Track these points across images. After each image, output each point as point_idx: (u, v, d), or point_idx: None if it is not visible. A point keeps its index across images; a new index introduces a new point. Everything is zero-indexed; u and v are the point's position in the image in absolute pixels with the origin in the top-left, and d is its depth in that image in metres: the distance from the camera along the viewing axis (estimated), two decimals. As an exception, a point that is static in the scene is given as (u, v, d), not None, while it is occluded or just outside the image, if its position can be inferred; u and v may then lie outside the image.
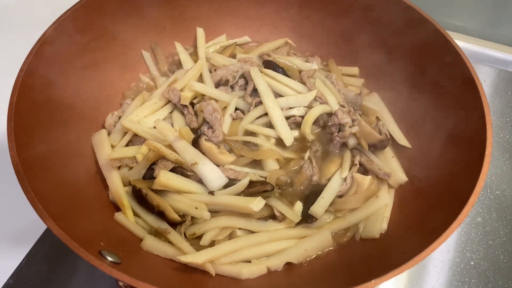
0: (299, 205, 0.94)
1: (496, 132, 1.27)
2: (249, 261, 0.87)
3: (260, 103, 1.05)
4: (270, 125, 1.03)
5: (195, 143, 0.94)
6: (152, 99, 1.06)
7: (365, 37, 1.17)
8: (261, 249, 0.87)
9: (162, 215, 0.88)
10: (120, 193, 0.91)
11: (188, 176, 0.92)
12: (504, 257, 1.04)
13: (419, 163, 1.00)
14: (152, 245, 0.86)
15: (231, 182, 0.92)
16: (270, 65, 1.11)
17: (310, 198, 0.95)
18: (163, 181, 0.87)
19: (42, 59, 0.90)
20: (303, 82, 1.09)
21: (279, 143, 1.02)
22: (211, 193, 0.90)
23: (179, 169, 0.92)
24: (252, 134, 1.02)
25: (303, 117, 1.03)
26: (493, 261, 1.04)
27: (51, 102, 0.92)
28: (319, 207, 0.92)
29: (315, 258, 0.90)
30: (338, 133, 1.01)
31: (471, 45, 1.48)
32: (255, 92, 1.06)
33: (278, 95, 1.07)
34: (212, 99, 1.04)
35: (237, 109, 1.07)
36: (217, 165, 0.93)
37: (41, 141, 0.86)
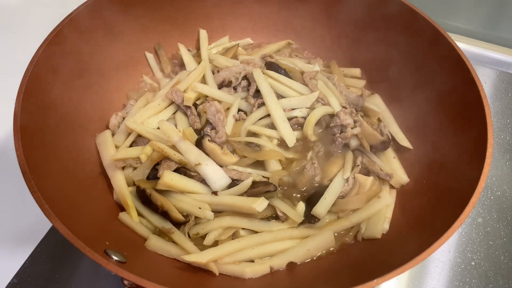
0: (301, 206, 0.94)
1: (496, 133, 1.28)
2: (252, 261, 0.87)
3: (262, 104, 1.05)
4: (272, 126, 1.03)
5: (199, 144, 0.94)
6: (155, 100, 1.06)
7: (367, 39, 1.18)
8: (264, 249, 0.88)
9: (166, 215, 0.88)
10: (124, 193, 0.92)
11: (191, 176, 0.92)
12: (504, 258, 1.05)
13: (421, 164, 1.00)
14: (156, 245, 0.86)
15: (234, 182, 0.92)
16: (272, 66, 1.11)
17: (312, 198, 0.95)
18: (167, 181, 0.87)
19: (47, 60, 0.90)
20: (305, 83, 1.09)
21: (282, 144, 1.02)
22: (215, 193, 0.91)
23: (183, 169, 0.93)
24: (254, 135, 1.02)
25: (305, 118, 1.03)
26: (494, 261, 1.04)
27: (56, 102, 0.92)
28: (321, 207, 0.92)
29: (318, 258, 0.90)
30: (340, 134, 1.02)
31: (472, 47, 1.48)
32: (258, 93, 1.07)
33: (280, 97, 1.07)
34: (215, 100, 1.04)
35: (240, 110, 1.07)
36: (220, 166, 0.94)
37: (46, 141, 0.86)
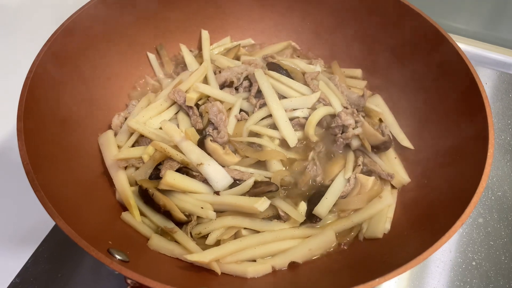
0: (303, 205, 0.94)
1: (497, 134, 1.28)
2: (254, 260, 0.87)
3: (264, 104, 1.06)
4: (274, 126, 1.04)
5: (201, 144, 0.94)
6: (157, 100, 1.07)
7: (368, 40, 1.18)
8: (266, 248, 0.88)
9: (168, 214, 0.89)
10: (127, 193, 0.92)
11: (193, 176, 0.93)
12: (505, 258, 1.05)
13: (422, 164, 1.01)
14: (158, 244, 0.87)
15: (236, 182, 0.92)
16: (274, 67, 1.11)
17: (314, 198, 0.95)
18: (169, 181, 0.87)
19: (50, 61, 0.90)
20: (306, 84, 1.09)
21: (283, 144, 1.02)
22: (217, 193, 0.91)
23: (185, 169, 0.93)
24: (256, 135, 1.02)
25: (306, 118, 1.04)
26: (495, 261, 1.05)
27: (59, 103, 0.92)
28: (323, 207, 0.92)
29: (319, 257, 0.90)
30: (341, 134, 1.02)
31: (472, 48, 1.48)
32: (259, 93, 1.07)
33: (282, 97, 1.07)
34: (217, 100, 1.05)
35: (241, 110, 1.07)
36: (222, 166, 0.94)
37: (49, 141, 0.86)
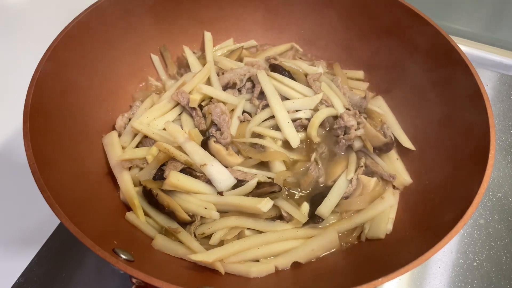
0: (306, 206, 0.95)
1: (498, 135, 1.28)
2: (257, 260, 0.88)
3: (267, 105, 1.06)
4: (276, 128, 1.04)
5: (204, 145, 0.95)
6: (161, 101, 1.07)
7: (370, 42, 1.19)
8: (269, 248, 0.88)
9: (172, 215, 0.89)
10: (131, 193, 0.92)
11: (197, 177, 0.93)
12: (506, 259, 1.06)
13: (423, 165, 1.01)
14: (162, 244, 0.87)
15: (239, 183, 0.93)
16: (276, 68, 1.12)
17: (316, 199, 0.96)
18: (173, 181, 0.88)
19: (55, 63, 0.91)
20: (309, 85, 1.10)
21: (286, 145, 1.03)
22: (220, 193, 0.92)
23: (189, 170, 0.94)
24: (259, 136, 1.03)
25: (309, 119, 1.04)
26: (496, 262, 1.05)
27: (64, 104, 0.93)
28: (325, 208, 0.93)
29: (322, 257, 0.91)
30: (343, 135, 1.03)
31: (473, 50, 1.48)
32: (262, 95, 1.07)
33: (284, 98, 1.08)
34: (220, 101, 1.05)
35: (244, 111, 1.07)
36: (226, 167, 0.94)
37: (54, 142, 0.87)
